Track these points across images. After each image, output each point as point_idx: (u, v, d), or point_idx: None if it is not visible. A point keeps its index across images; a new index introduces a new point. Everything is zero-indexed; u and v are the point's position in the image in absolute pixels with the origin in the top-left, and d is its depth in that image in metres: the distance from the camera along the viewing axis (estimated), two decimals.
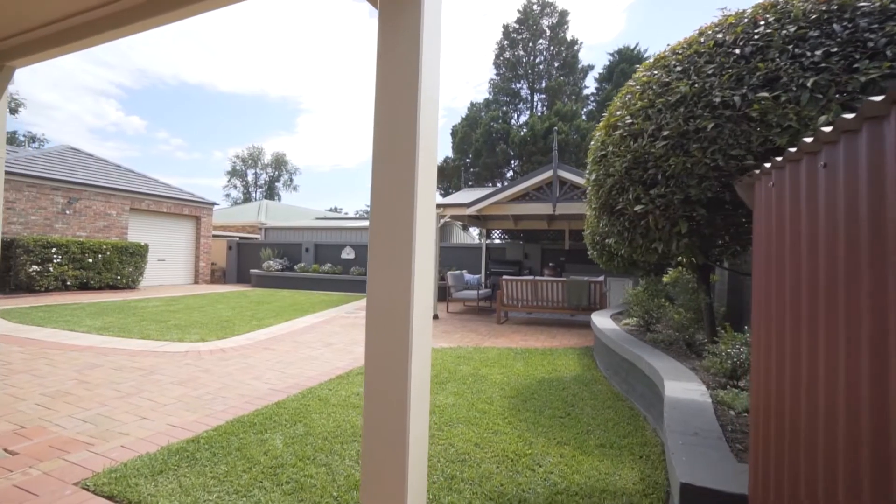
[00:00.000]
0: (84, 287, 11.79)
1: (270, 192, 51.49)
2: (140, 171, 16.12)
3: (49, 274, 10.86)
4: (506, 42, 21.22)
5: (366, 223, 18.65)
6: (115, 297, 10.84)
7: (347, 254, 15.57)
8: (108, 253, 12.14)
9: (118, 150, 65.37)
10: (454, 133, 20.54)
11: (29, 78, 50.77)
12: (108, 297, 10.98)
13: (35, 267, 10.60)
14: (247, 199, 49.20)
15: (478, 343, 6.75)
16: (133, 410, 3.58)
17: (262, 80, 69.83)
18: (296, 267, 15.64)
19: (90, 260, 11.70)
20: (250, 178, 52.17)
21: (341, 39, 67.74)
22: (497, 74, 21.62)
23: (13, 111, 32.78)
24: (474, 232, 21.49)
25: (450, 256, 14.07)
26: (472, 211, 9.00)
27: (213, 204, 17.25)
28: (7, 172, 11.22)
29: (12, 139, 31.76)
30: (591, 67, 21.28)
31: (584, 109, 20.06)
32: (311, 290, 14.86)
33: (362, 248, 15.56)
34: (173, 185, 16.62)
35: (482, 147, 19.03)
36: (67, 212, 12.64)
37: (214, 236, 18.25)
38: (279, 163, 52.64)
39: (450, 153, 20.78)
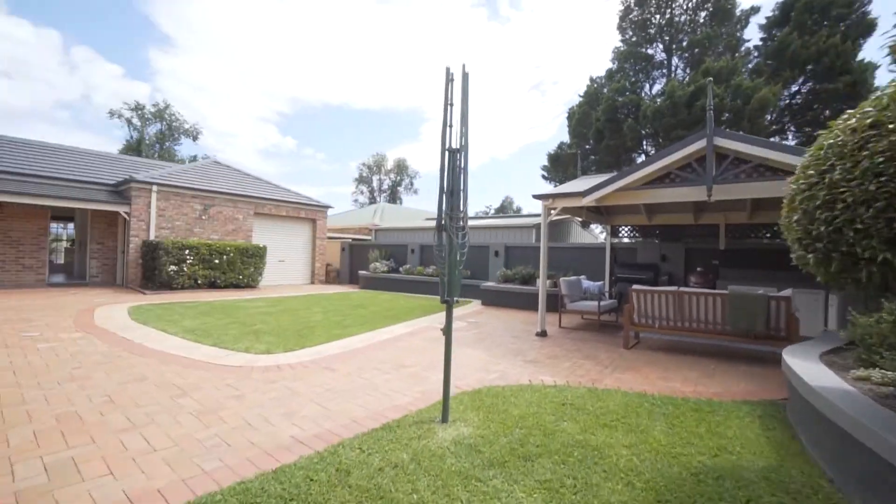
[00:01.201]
0: (212, 285, 12.75)
1: (393, 196, 54.15)
2: (286, 183, 17.39)
3: (183, 273, 11.89)
4: (632, 0, 17.97)
5: (476, 222, 17.50)
6: (232, 297, 11.38)
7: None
8: (232, 254, 12.98)
9: (277, 167, 75.84)
10: (570, 115, 18.04)
11: (211, 112, 62.02)
12: (227, 295, 11.63)
13: (173, 266, 11.67)
14: (371, 203, 52.42)
15: (595, 379, 4.89)
16: (110, 455, 2.76)
17: (391, 95, 74.49)
18: (401, 269, 15.16)
19: (216, 261, 12.60)
20: (375, 183, 55.60)
21: (461, 45, 68.61)
22: (622, 40, 18.42)
23: (194, 137, 39.56)
24: (597, 230, 18.80)
25: (564, 258, 12.05)
26: (589, 200, 7.04)
27: (328, 207, 17.83)
28: (159, 184, 12.64)
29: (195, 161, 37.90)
30: (754, 10, 16.71)
31: (747, 66, 15.79)
32: (414, 293, 14.17)
33: (469, 249, 14.39)
34: (293, 190, 17.58)
35: (604, 126, 16.06)
36: (203, 217, 13.93)
37: (330, 238, 18.92)
38: (401, 168, 55.09)
39: (565, 138, 18.39)
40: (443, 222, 3.54)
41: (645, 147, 16.38)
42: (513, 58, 71.37)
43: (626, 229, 13.02)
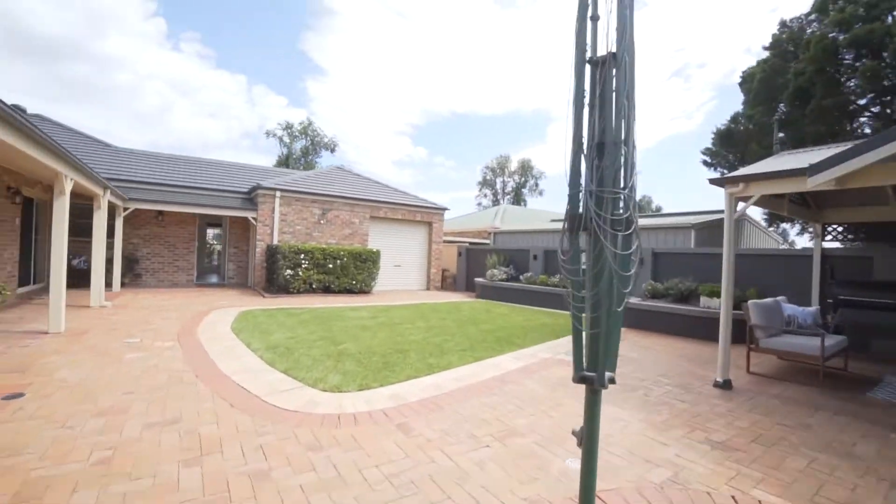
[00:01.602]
0: (327, 290, 12.58)
1: (517, 198, 52.27)
2: (418, 191, 17.12)
3: (299, 277, 11.86)
4: None
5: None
6: (340, 303, 10.89)
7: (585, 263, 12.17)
8: (345, 259, 12.66)
9: (410, 177, 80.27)
10: (747, 79, 13.72)
11: (352, 128, 68.62)
12: (337, 301, 11.21)
13: (289, 271, 11.71)
14: (495, 205, 51.27)
15: None
16: None
17: (516, 98, 73.06)
18: (521, 277, 13.30)
19: (330, 265, 12.37)
20: (498, 185, 54.37)
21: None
22: None
23: (331, 149, 43.19)
24: (773, 232, 14.33)
25: (742, 270, 8.84)
26: (824, 180, 4.34)
27: (444, 209, 16.85)
28: (282, 190, 12.92)
29: None
30: None
31: None
32: (536, 305, 12.18)
33: None
34: (409, 193, 17.01)
35: (811, 82, 11.64)
36: (321, 221, 14.00)
37: (447, 242, 17.96)
38: (525, 169, 52.94)
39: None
40: (582, 210, 1.73)
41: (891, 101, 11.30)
42: (648, 46, 63.60)
43: (839, 229, 9.12)
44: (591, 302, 1.70)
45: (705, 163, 15.33)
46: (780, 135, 12.49)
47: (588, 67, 1.73)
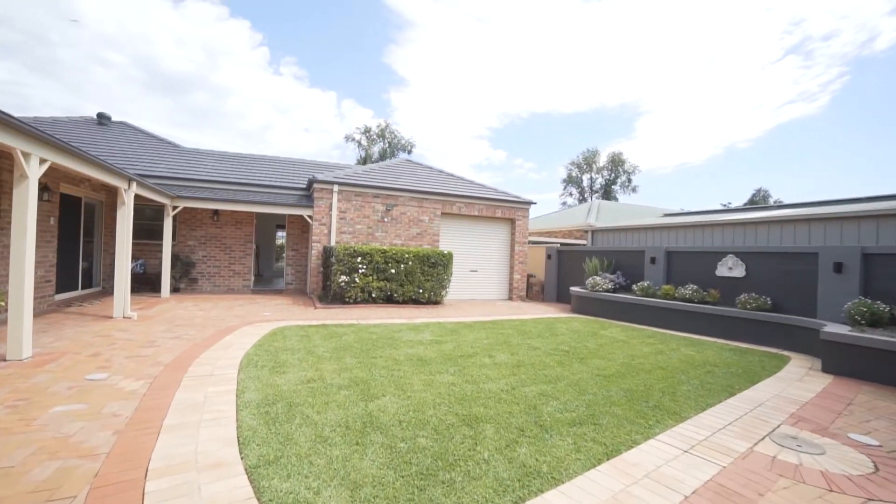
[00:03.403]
0: (389, 300, 10.49)
1: (606, 196, 47.24)
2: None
3: (355, 285, 9.90)
4: None
5: (770, 213, 10.89)
6: (400, 319, 8.66)
7: (730, 268, 8.67)
8: (410, 263, 10.48)
9: (489, 179, 78.10)
10: None
11: (432, 135, 68.38)
12: (398, 316, 9.03)
13: (343, 277, 9.80)
14: (582, 204, 46.81)
15: None
16: None
17: (600, 93, 67.30)
18: (635, 287, 10.09)
19: (392, 270, 10.27)
20: (585, 182, 49.67)
21: (682, 27, 56.30)
22: None
23: (408, 150, 42.18)
24: None
25: None
26: None
27: (530, 203, 14.05)
28: (340, 183, 11.18)
29: None
30: None
31: None
32: (659, 327, 8.95)
33: (761, 259, 8.29)
34: (488, 185, 14.47)
35: None
36: (385, 219, 12.02)
37: (533, 243, 15.11)
38: (615, 163, 47.69)
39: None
40: None
41: None
42: (754, 26, 54.34)
43: None
44: None
45: None
46: None
47: None
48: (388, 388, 4.28)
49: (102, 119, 14.83)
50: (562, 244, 15.37)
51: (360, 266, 9.97)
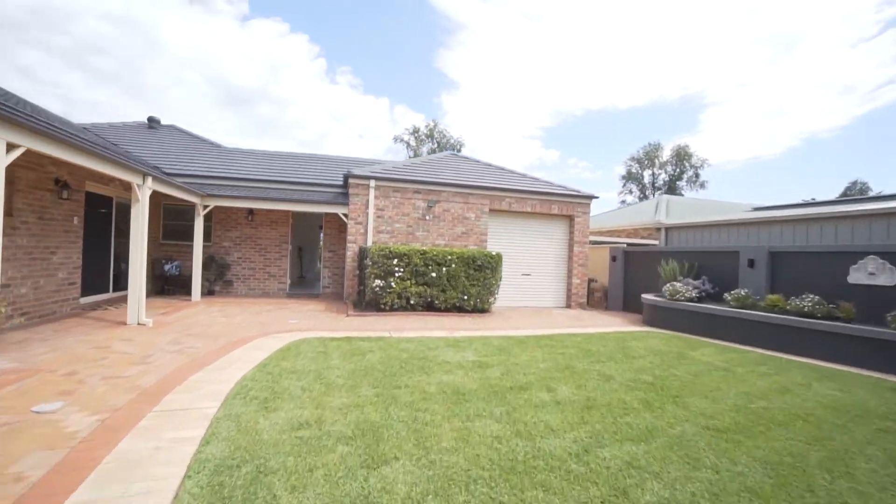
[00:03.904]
0: (429, 307, 9.30)
1: (671, 192, 43.47)
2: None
3: (391, 290, 8.80)
4: None
5: None
6: (442, 330, 7.43)
7: (871, 273, 6.58)
8: (453, 265, 9.23)
9: None
10: None
11: (483, 136, 67.32)
12: (440, 324, 7.81)
13: (378, 281, 8.73)
14: (643, 201, 43.43)
15: None
16: None
17: (659, 86, 62.72)
18: (727, 296, 8.18)
19: (433, 274, 9.07)
20: (647, 179, 46.07)
21: (758, 6, 50.76)
22: None
23: (458, 150, 41.06)
24: None
25: None
26: None
27: (591, 197, 12.34)
28: (378, 178, 10.22)
29: None
30: None
31: None
32: (767, 348, 7.04)
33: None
34: (543, 179, 12.92)
35: None
36: (427, 217, 10.87)
37: (593, 243, 13.34)
38: (680, 157, 43.76)
39: None
40: None
41: None
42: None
43: None
44: None
45: None
46: None
47: None
48: (404, 444, 3.03)
49: (152, 123, 14.95)
50: (628, 244, 13.47)
51: (397, 269, 8.86)
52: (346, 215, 10.49)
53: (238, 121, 63.55)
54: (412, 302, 9.09)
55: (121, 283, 9.81)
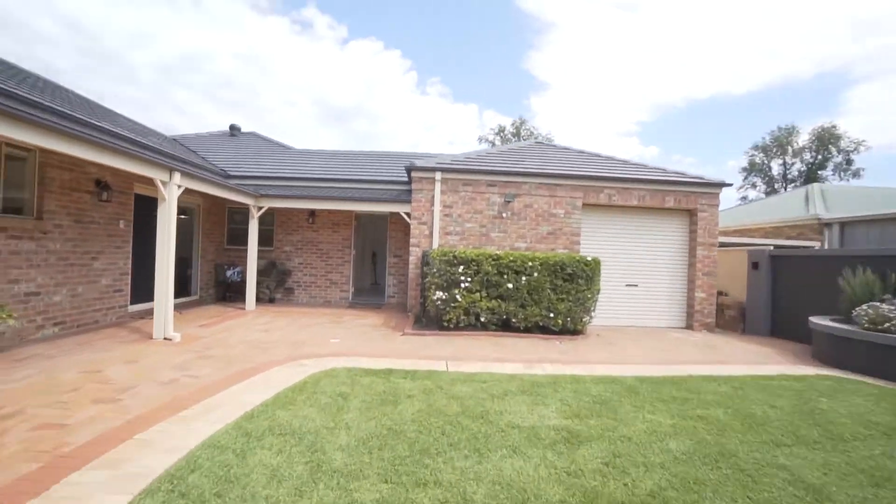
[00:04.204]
0: (505, 326, 7.42)
1: (810, 183, 35.94)
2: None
3: (456, 305, 7.10)
4: None
5: None
6: (517, 362, 5.52)
7: None
8: (535, 273, 7.24)
9: None
10: None
11: (573, 135, 63.41)
12: (516, 353, 5.91)
13: (440, 293, 7.10)
14: (770, 196, 36.51)
15: None
16: None
17: (786, 65, 53.02)
18: None
19: (509, 285, 7.18)
20: (776, 170, 38.80)
21: None
22: None
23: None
24: None
25: None
26: None
27: (721, 185, 9.45)
28: (444, 169, 8.67)
29: None
30: None
31: None
32: None
33: None
34: (650, 165, 10.29)
35: None
36: (503, 214, 9.00)
37: (722, 245, 10.32)
38: (824, 141, 35.97)
39: None
40: None
41: None
42: None
43: None
44: None
45: None
46: None
47: None
48: None
49: (233, 131, 15.17)
50: (774, 247, 10.18)
51: (463, 279, 7.13)
52: (408, 214, 9.06)
53: (338, 136, 67.63)
54: (482, 319, 7.28)
55: (182, 288, 9.43)
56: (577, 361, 5.79)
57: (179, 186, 6.32)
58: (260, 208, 9.11)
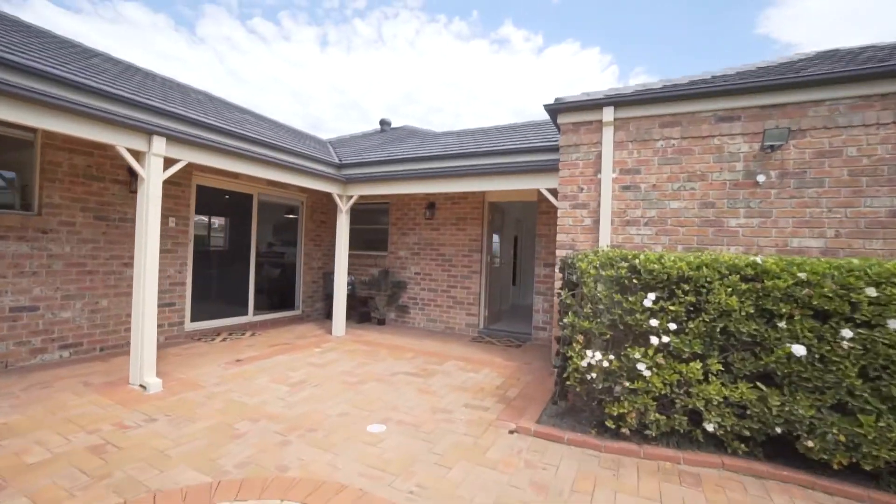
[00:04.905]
0: (777, 448, 2.88)
1: None
2: None
3: (636, 385, 2.98)
4: None
5: None
6: None
7: None
8: (843, 300, 2.51)
9: None
10: None
11: None
12: None
13: (595, 355, 3.12)
14: None
15: None
16: None
17: None
18: None
19: (795, 348, 2.66)
20: None
21: None
22: None
23: None
24: None
25: None
26: None
27: None
28: (619, 102, 4.64)
29: None
30: None
31: None
32: None
33: None
34: None
35: None
36: (761, 177, 4.19)
37: None
38: None
39: None
40: None
41: None
42: None
43: None
44: None
45: None
46: None
47: None
48: None
49: (384, 126, 14.03)
50: None
51: (656, 322, 2.96)
52: (553, 192, 5.22)
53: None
54: (709, 427, 2.93)
55: (284, 301, 7.84)
56: None
57: (171, 159, 4.19)
58: (349, 198, 6.71)
